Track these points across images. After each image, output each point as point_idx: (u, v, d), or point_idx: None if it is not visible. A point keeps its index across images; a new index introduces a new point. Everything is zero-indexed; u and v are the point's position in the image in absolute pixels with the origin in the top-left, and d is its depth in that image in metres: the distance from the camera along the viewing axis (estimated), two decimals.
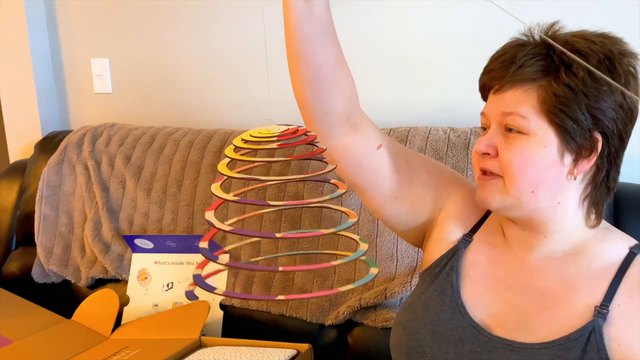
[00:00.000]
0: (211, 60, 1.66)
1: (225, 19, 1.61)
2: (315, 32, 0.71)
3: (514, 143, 0.70)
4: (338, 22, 1.47)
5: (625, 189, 1.15)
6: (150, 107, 1.77)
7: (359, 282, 0.52)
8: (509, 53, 0.71)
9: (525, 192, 0.71)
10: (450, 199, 0.85)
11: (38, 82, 1.84)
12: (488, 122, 0.74)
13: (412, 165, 0.85)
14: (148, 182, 1.46)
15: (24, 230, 1.60)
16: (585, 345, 0.67)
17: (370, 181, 0.84)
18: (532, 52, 0.70)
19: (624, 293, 0.69)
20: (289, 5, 0.69)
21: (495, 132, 0.72)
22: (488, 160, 0.73)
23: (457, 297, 0.77)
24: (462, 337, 0.73)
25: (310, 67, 0.74)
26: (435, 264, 0.82)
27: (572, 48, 0.67)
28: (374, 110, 1.48)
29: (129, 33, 1.76)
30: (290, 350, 1.05)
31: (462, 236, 0.82)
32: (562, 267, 0.73)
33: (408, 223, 0.87)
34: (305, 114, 0.79)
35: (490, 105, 0.74)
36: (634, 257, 0.72)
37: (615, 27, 0.74)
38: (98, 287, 1.44)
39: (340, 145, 0.81)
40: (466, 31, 1.35)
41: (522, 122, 0.69)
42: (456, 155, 1.19)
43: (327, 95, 0.76)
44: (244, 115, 1.63)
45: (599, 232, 0.75)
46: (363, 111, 0.83)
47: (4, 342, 1.16)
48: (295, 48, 0.72)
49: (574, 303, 0.70)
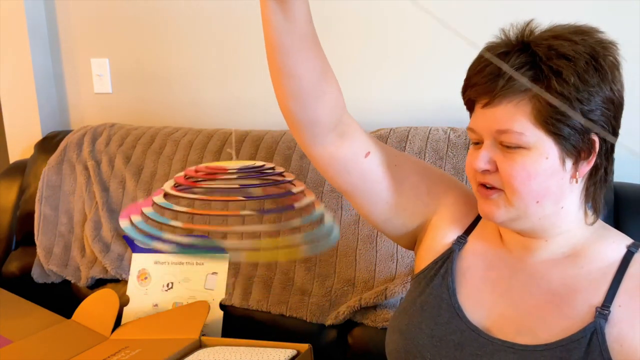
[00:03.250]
0: (211, 60, 1.66)
1: (225, 18, 1.61)
2: (296, 45, 0.67)
3: (514, 158, 0.68)
4: (338, 22, 1.48)
5: (625, 189, 1.15)
6: (150, 107, 1.77)
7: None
8: (492, 65, 0.68)
9: (530, 204, 0.70)
10: (443, 202, 0.84)
11: (38, 82, 1.84)
12: (479, 137, 0.72)
13: (403, 170, 0.83)
14: (148, 182, 1.46)
15: (23, 230, 1.60)
16: (588, 346, 0.66)
17: (360, 188, 0.82)
18: (519, 62, 0.67)
19: (624, 294, 0.68)
20: (267, 19, 0.66)
21: (491, 147, 0.70)
22: (488, 175, 0.71)
23: (454, 300, 0.76)
24: (462, 340, 0.72)
25: (293, 80, 0.70)
26: (429, 267, 0.81)
27: (558, 53, 0.66)
28: (374, 110, 1.49)
29: (129, 33, 1.76)
30: (290, 350, 1.05)
31: (456, 238, 0.81)
32: (562, 269, 0.73)
33: (401, 227, 0.86)
34: (290, 124, 0.77)
35: (480, 120, 0.71)
36: (632, 256, 0.72)
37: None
38: (98, 287, 1.44)
39: (327, 153, 0.79)
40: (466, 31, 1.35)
41: (520, 138, 0.67)
42: (456, 155, 1.19)
43: (312, 107, 0.73)
44: (244, 116, 1.63)
45: (596, 232, 0.75)
46: (351, 117, 0.80)
47: (4, 342, 1.16)
48: (276, 61, 0.69)
49: (575, 304, 0.70)
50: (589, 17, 1.16)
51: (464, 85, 0.74)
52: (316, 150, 0.78)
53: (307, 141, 0.78)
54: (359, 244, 1.22)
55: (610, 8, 1.21)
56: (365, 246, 1.21)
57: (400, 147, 1.23)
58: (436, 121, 1.33)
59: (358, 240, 1.22)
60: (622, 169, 1.20)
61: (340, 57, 1.48)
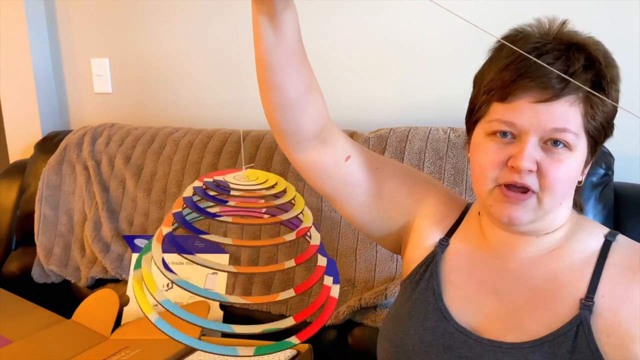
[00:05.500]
0: (211, 60, 1.66)
1: (225, 18, 1.61)
2: (284, 62, 0.69)
3: (561, 160, 0.67)
4: (338, 22, 1.48)
5: (625, 189, 1.15)
6: (150, 107, 1.77)
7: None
8: (562, 61, 0.66)
9: (556, 205, 0.70)
10: (424, 204, 0.84)
11: (38, 82, 1.84)
12: (519, 132, 0.68)
13: (383, 173, 0.84)
14: (148, 182, 1.46)
15: (24, 230, 1.60)
16: (574, 339, 0.66)
17: (341, 191, 0.83)
18: (581, 64, 0.66)
19: (607, 283, 0.69)
20: (259, 35, 0.67)
21: (534, 146, 0.67)
22: (527, 176, 0.67)
23: (440, 304, 0.75)
24: (451, 343, 0.72)
25: (278, 93, 0.72)
26: (414, 272, 0.80)
27: (611, 62, 0.69)
28: (374, 110, 1.49)
29: (129, 33, 1.76)
30: (290, 351, 1.05)
31: (438, 241, 0.81)
32: (547, 263, 0.73)
33: (383, 230, 0.86)
34: (275, 132, 0.78)
35: (528, 115, 0.67)
36: (610, 245, 0.72)
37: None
38: (98, 287, 1.44)
39: (309, 158, 0.79)
40: (466, 31, 1.35)
41: (573, 139, 0.67)
42: (456, 155, 1.19)
43: (296, 119, 0.74)
44: (244, 116, 1.63)
45: (576, 223, 0.75)
46: (333, 123, 0.81)
47: (4, 342, 1.16)
48: (264, 76, 0.71)
49: (560, 298, 0.70)
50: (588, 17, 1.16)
51: (516, 75, 0.67)
52: (298, 155, 0.79)
53: (289, 148, 0.79)
54: (359, 244, 1.22)
55: (611, 8, 1.21)
56: (365, 246, 1.21)
57: (400, 147, 1.23)
58: (436, 121, 1.33)
59: (358, 240, 1.22)
60: (622, 169, 1.20)
61: (340, 57, 1.48)
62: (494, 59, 0.73)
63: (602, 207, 1.11)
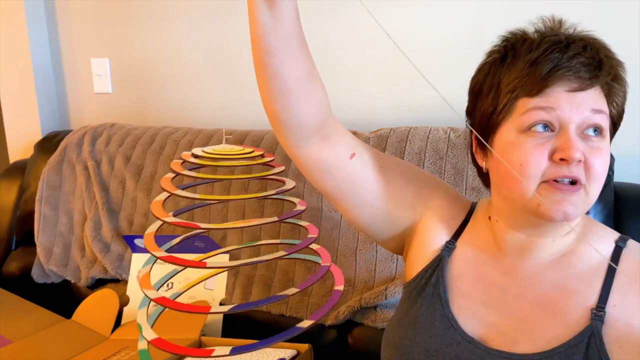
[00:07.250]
0: (211, 61, 1.66)
1: (225, 18, 1.61)
2: (282, 44, 0.66)
3: (599, 147, 0.66)
4: (338, 22, 1.48)
5: (625, 189, 1.15)
6: (150, 107, 1.77)
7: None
8: (588, 51, 0.67)
9: (595, 198, 0.68)
10: (430, 205, 0.81)
11: (38, 82, 1.84)
12: (559, 120, 0.66)
13: (388, 172, 0.81)
14: (148, 182, 1.46)
15: (23, 230, 1.60)
16: (586, 350, 0.65)
17: (345, 191, 0.79)
18: (603, 54, 0.68)
19: (618, 293, 0.67)
20: (254, 16, 0.64)
21: (577, 135, 0.66)
22: (577, 167, 0.65)
23: (447, 311, 0.73)
24: (458, 353, 0.70)
25: (278, 80, 0.68)
26: (420, 275, 0.78)
27: (609, 52, 0.70)
28: (374, 110, 1.49)
29: (129, 33, 1.76)
30: (290, 350, 1.05)
31: (444, 243, 0.79)
32: (556, 270, 0.71)
33: (386, 230, 0.83)
34: (274, 125, 0.75)
35: (568, 103, 0.66)
36: (621, 251, 0.71)
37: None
38: (98, 287, 1.44)
39: (312, 156, 0.76)
40: (466, 31, 1.35)
41: (607, 123, 0.68)
42: (456, 155, 1.19)
43: (297, 109, 0.71)
44: (244, 115, 1.63)
45: (585, 226, 0.73)
46: (336, 119, 0.78)
47: (4, 342, 1.16)
48: (262, 61, 0.67)
49: (571, 308, 0.68)
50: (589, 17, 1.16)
51: (541, 69, 0.67)
52: (300, 152, 0.76)
53: (290, 143, 0.76)
54: (359, 244, 1.22)
55: (611, 8, 1.21)
56: (365, 246, 1.21)
57: (400, 147, 1.23)
58: (436, 121, 1.33)
59: (358, 240, 1.22)
60: (622, 169, 1.21)
61: (340, 57, 1.48)
62: (507, 59, 0.71)
63: (602, 207, 1.11)
